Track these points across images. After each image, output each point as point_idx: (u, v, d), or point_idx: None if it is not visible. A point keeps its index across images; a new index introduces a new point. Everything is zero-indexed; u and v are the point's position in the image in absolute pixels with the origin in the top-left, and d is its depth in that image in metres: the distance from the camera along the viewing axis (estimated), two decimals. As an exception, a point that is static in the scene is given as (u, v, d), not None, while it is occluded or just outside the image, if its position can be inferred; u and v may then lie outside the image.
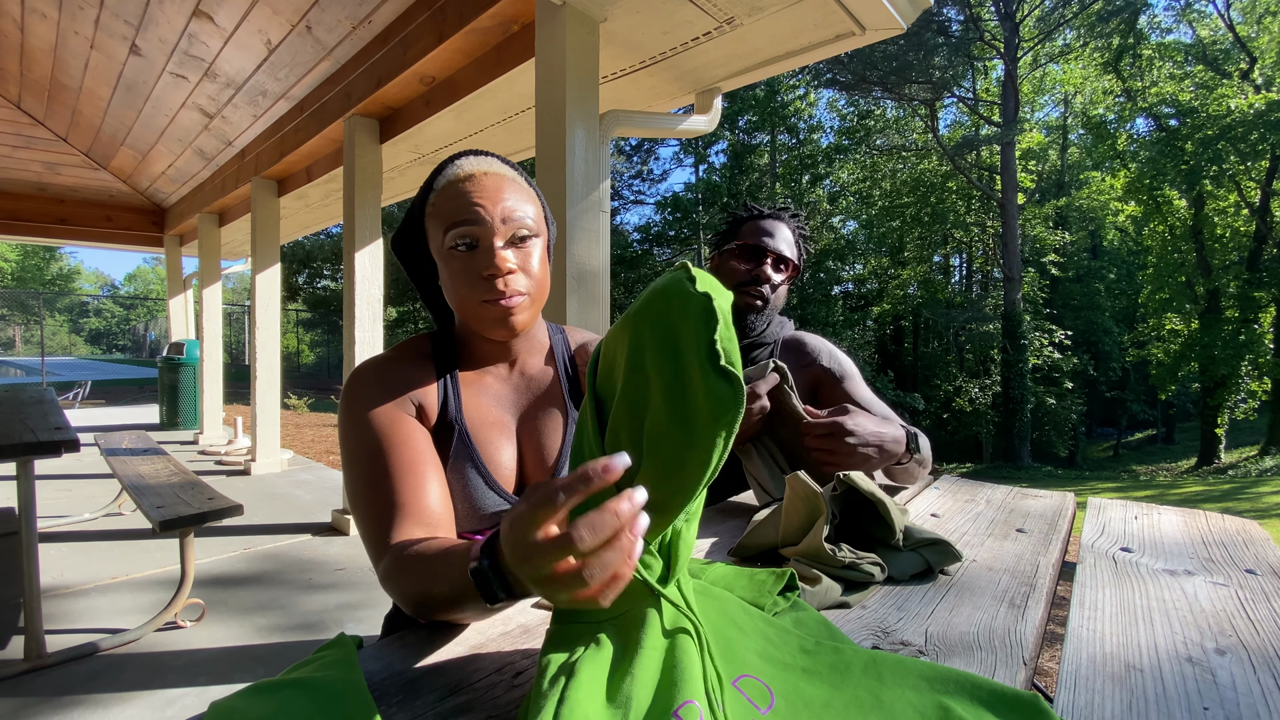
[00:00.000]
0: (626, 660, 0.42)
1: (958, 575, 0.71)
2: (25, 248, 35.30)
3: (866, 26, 1.99)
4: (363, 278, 3.11)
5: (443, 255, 0.74)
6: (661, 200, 21.47)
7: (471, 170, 0.74)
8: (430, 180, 0.76)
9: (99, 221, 6.13)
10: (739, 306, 1.23)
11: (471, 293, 0.72)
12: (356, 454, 0.69)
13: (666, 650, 0.43)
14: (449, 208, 0.72)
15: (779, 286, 1.25)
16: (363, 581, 2.64)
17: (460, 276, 0.72)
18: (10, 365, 22.68)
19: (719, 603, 0.54)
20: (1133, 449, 22.94)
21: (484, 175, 0.73)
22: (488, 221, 0.71)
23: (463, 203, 0.72)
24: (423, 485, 0.67)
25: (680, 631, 0.45)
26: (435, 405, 0.76)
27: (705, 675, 0.42)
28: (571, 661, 0.42)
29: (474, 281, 0.72)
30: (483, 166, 0.75)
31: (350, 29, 2.60)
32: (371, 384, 0.74)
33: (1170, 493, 10.25)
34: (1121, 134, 16.05)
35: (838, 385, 1.19)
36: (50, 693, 1.75)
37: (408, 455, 0.68)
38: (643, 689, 0.40)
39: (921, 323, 20.18)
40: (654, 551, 0.46)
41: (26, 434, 1.88)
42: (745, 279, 1.23)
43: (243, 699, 0.42)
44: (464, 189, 0.72)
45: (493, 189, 0.72)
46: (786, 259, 1.25)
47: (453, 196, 0.72)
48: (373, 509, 0.65)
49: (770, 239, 1.24)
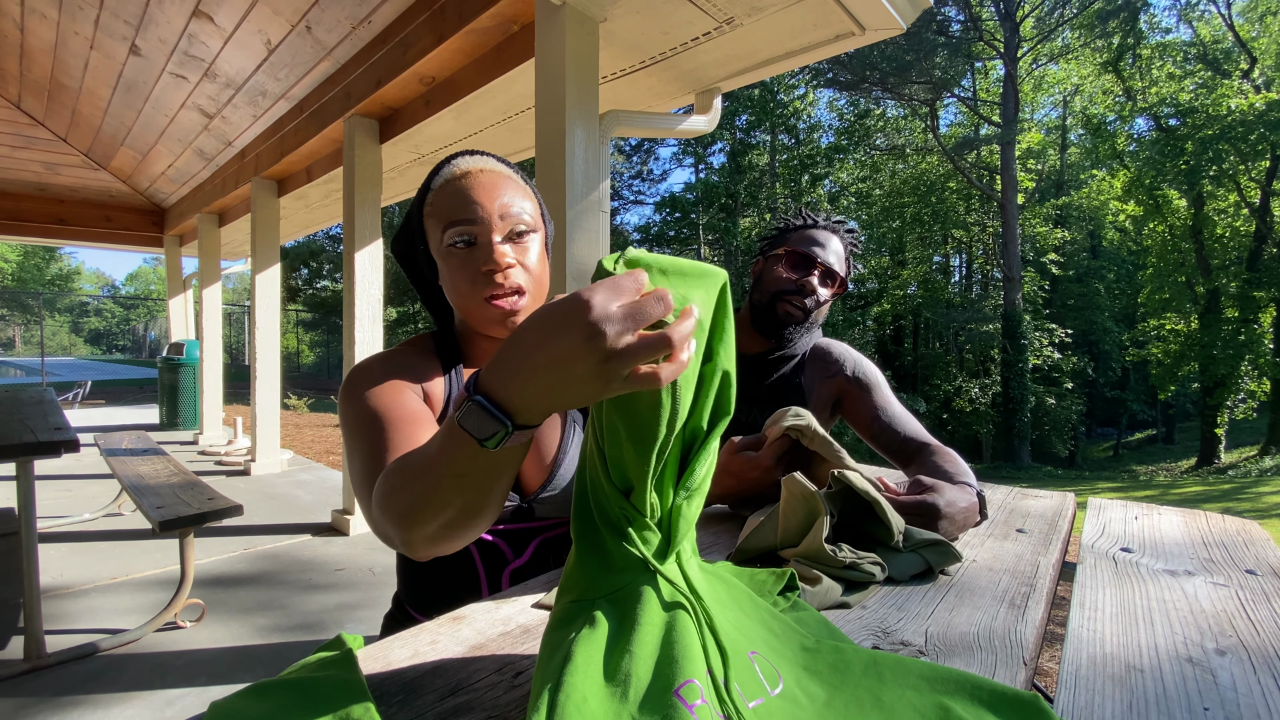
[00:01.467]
0: (624, 637, 0.42)
1: (958, 575, 0.71)
2: (25, 248, 35.31)
3: (866, 27, 1.99)
4: (363, 278, 3.11)
5: (442, 253, 0.74)
6: (661, 200, 21.49)
7: (468, 168, 0.74)
8: (428, 181, 0.76)
9: (99, 222, 6.13)
10: (779, 316, 1.17)
11: (472, 289, 0.72)
12: (357, 421, 0.68)
13: (665, 626, 0.43)
14: (446, 206, 0.73)
15: (824, 301, 1.18)
16: (363, 582, 2.64)
17: (460, 273, 0.72)
18: (10, 365, 22.68)
19: (729, 587, 0.53)
20: (1133, 449, 22.95)
21: (480, 172, 0.74)
22: (485, 218, 0.72)
23: (460, 200, 0.72)
24: (419, 435, 0.66)
25: (678, 607, 0.44)
26: (440, 398, 0.76)
27: (706, 652, 0.41)
28: (569, 640, 0.41)
29: (474, 277, 0.72)
30: (479, 164, 0.75)
31: (350, 29, 2.60)
32: (376, 368, 0.74)
33: (1170, 493, 10.25)
34: (1121, 134, 16.06)
35: (863, 397, 1.14)
36: (50, 693, 1.75)
37: (403, 413, 0.68)
38: (642, 666, 0.40)
39: (921, 323, 20.19)
40: (652, 525, 0.45)
41: (26, 434, 1.88)
42: (789, 287, 1.16)
43: (242, 699, 0.42)
44: (461, 186, 0.73)
45: (489, 186, 0.73)
46: (835, 273, 1.19)
47: (450, 195, 0.73)
48: (367, 459, 0.64)
49: (821, 249, 1.18)
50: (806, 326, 1.19)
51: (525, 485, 0.80)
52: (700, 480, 0.45)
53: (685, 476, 0.45)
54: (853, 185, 19.62)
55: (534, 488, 0.79)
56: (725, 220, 19.23)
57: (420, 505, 0.48)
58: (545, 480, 0.79)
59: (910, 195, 17.83)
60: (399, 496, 0.50)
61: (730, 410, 0.46)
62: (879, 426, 1.12)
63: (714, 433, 0.45)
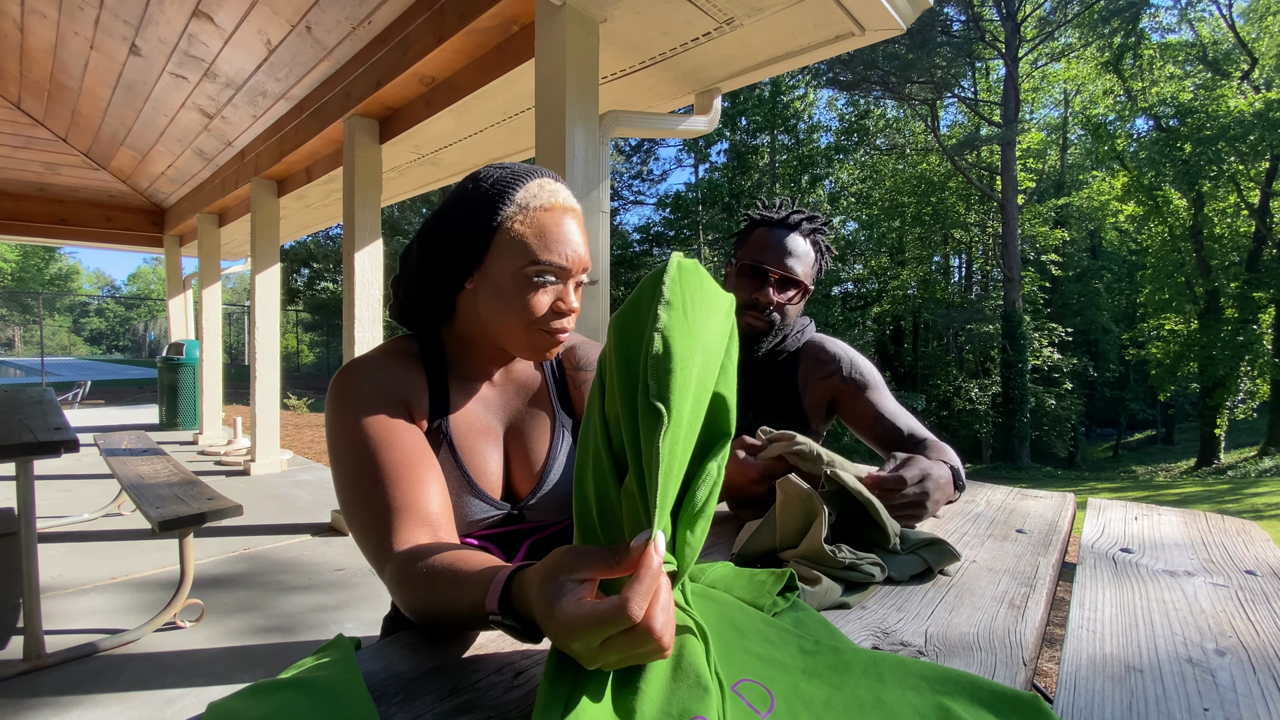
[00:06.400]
0: (632, 672, 0.42)
1: (958, 575, 0.71)
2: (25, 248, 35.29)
3: (866, 27, 1.99)
4: (362, 278, 3.11)
5: (515, 275, 0.71)
6: (662, 200, 21.50)
7: (569, 205, 0.74)
8: (510, 186, 0.72)
9: (99, 222, 6.13)
10: (744, 331, 1.15)
11: (539, 317, 0.72)
12: (348, 457, 0.67)
13: (672, 660, 0.43)
14: (547, 236, 0.71)
15: (786, 306, 1.16)
16: (362, 582, 2.64)
17: (534, 300, 0.72)
18: (9, 365, 22.67)
19: (718, 605, 0.53)
20: (1132, 449, 22.95)
21: (576, 213, 0.75)
22: (575, 268, 0.73)
23: (563, 241, 0.72)
24: (421, 486, 0.65)
25: (685, 631, 0.44)
26: (425, 408, 0.75)
27: (715, 676, 0.42)
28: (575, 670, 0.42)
29: (544, 310, 0.73)
30: (574, 203, 0.75)
31: (350, 29, 2.60)
32: (360, 384, 0.71)
33: (1167, 493, 10.25)
34: (1121, 134, 16.07)
35: (858, 397, 1.13)
36: (49, 693, 1.75)
37: (402, 455, 0.66)
38: (649, 702, 0.40)
39: (921, 323, 20.18)
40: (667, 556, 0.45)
41: (26, 434, 1.87)
42: (748, 302, 1.15)
43: (241, 700, 0.42)
44: (565, 224, 0.72)
45: (581, 233, 0.74)
46: (793, 278, 1.15)
47: (551, 226, 0.72)
48: (370, 514, 0.63)
49: (775, 257, 1.15)
50: (776, 333, 1.18)
51: (515, 492, 0.79)
52: (702, 504, 0.45)
53: (686, 502, 0.44)
54: (853, 185, 19.61)
55: (524, 494, 0.79)
56: (726, 220, 19.24)
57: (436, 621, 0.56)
58: (534, 487, 0.79)
59: (910, 195, 17.83)
60: (416, 601, 0.56)
61: (730, 431, 0.46)
62: (882, 428, 1.10)
63: (712, 458, 0.45)
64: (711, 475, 0.44)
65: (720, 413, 0.45)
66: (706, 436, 0.45)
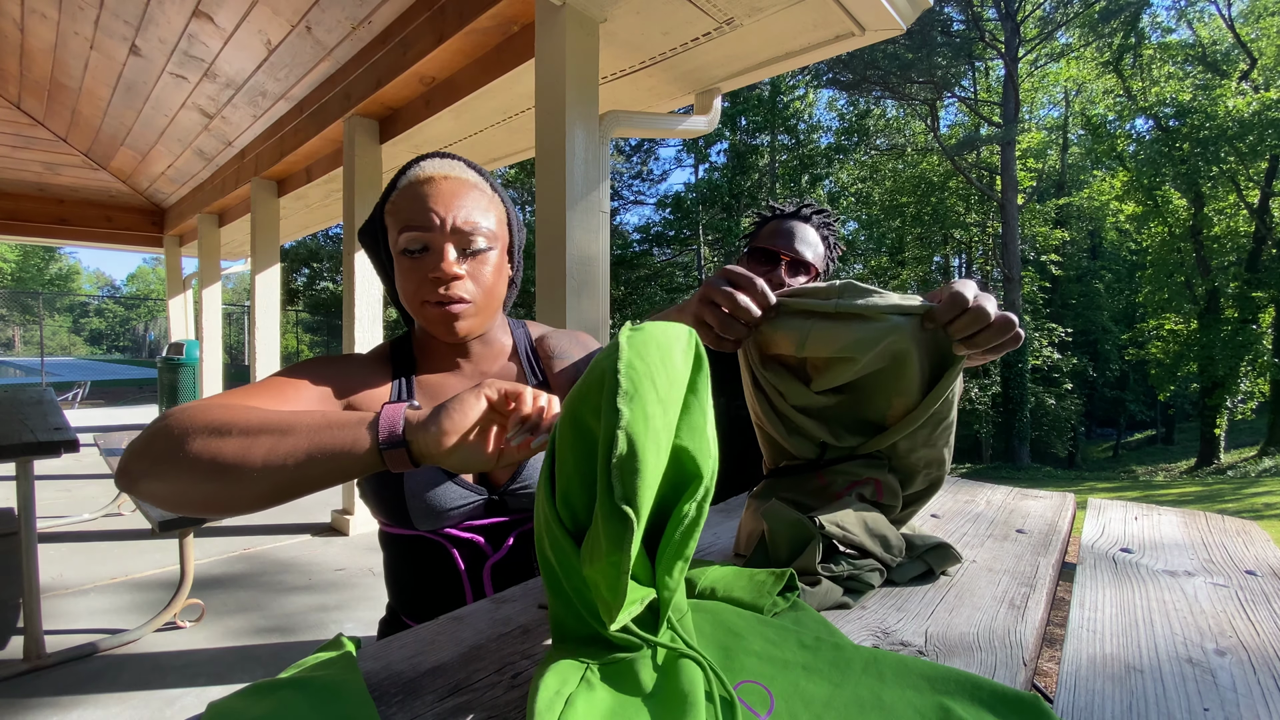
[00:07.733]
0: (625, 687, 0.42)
1: (958, 576, 0.71)
2: (25, 248, 35.32)
3: (866, 27, 1.99)
4: (362, 278, 3.11)
5: (396, 255, 0.74)
6: (662, 200, 21.49)
7: (431, 173, 0.73)
8: (395, 178, 0.76)
9: (99, 222, 6.13)
10: None
11: (417, 292, 0.73)
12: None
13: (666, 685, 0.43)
14: (406, 209, 0.72)
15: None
16: (362, 582, 2.64)
17: (408, 276, 0.73)
18: (9, 365, 22.67)
19: (713, 614, 0.53)
20: (1132, 449, 22.94)
21: (444, 179, 0.73)
22: (440, 227, 0.72)
23: (419, 206, 0.72)
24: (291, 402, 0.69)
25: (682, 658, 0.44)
26: (376, 405, 0.76)
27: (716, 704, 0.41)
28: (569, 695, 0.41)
29: (420, 282, 0.73)
30: (444, 170, 0.74)
31: (350, 29, 2.60)
32: (310, 362, 0.76)
33: (1167, 493, 10.25)
34: (1121, 134, 16.07)
35: None
36: (50, 693, 1.75)
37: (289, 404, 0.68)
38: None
39: (921, 323, 20.12)
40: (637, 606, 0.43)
41: (26, 434, 1.87)
42: None
43: (241, 699, 0.42)
44: (422, 192, 0.72)
45: (450, 194, 0.72)
46: (804, 262, 1.21)
47: (411, 198, 0.72)
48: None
49: (787, 242, 1.21)
50: None
51: (494, 478, 0.79)
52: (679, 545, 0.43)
53: (663, 546, 0.43)
54: (853, 185, 19.61)
55: (503, 480, 0.79)
56: (726, 220, 19.24)
57: (245, 464, 0.53)
58: (514, 473, 0.79)
59: (910, 195, 17.83)
60: (222, 443, 0.54)
61: (701, 475, 0.43)
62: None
63: (688, 499, 0.43)
64: (689, 516, 0.43)
65: (686, 460, 0.44)
66: (677, 478, 0.44)
